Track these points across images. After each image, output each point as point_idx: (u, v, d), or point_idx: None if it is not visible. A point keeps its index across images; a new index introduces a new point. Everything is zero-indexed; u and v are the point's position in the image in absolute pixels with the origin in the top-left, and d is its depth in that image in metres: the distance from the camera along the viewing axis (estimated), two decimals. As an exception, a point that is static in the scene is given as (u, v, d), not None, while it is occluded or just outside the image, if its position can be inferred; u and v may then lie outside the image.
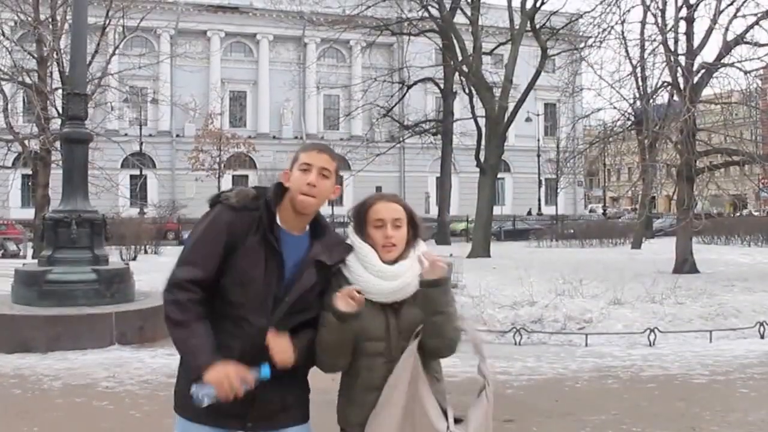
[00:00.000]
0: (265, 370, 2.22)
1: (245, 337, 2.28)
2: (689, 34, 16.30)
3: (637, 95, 23.06)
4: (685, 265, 15.67)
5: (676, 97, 18.81)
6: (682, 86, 15.88)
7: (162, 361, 7.20)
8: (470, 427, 2.35)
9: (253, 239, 2.29)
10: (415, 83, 30.17)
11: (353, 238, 2.43)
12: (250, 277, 2.28)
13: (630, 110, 25.45)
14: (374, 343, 2.34)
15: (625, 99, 24.53)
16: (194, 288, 2.27)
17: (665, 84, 17.76)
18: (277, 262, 2.30)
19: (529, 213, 47.86)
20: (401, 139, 33.96)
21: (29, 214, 25.69)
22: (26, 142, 19.32)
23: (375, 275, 2.34)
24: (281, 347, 2.26)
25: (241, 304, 2.29)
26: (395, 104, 30.73)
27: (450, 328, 2.34)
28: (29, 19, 17.97)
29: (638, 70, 19.86)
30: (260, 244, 2.29)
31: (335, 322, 2.28)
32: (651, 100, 19.99)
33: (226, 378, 2.16)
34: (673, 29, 16.45)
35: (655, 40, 17.03)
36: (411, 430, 2.28)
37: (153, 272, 13.46)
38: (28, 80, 18.51)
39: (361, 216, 2.44)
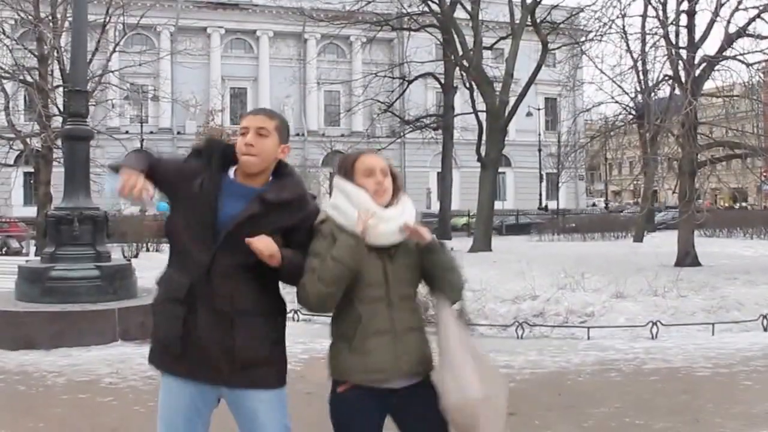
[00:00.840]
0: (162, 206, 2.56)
1: (190, 271, 2.45)
2: (690, 27, 16.25)
3: (639, 89, 23.02)
4: (687, 258, 15.65)
5: (677, 91, 18.76)
6: (683, 79, 15.84)
7: (165, 356, 7.17)
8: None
9: (197, 181, 2.48)
10: (416, 78, 30.12)
11: (345, 185, 2.55)
12: (190, 214, 2.48)
13: (631, 104, 25.43)
14: (374, 289, 2.47)
15: (626, 93, 24.50)
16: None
17: (666, 77, 17.72)
18: (213, 201, 2.46)
19: (545, 208, 47.71)
20: (402, 134, 33.93)
21: (31, 212, 25.68)
22: (28, 140, 19.29)
23: (373, 218, 2.48)
24: (262, 242, 2.40)
25: (183, 240, 2.50)
26: (396, 99, 30.65)
27: (461, 280, 2.56)
28: (29, 17, 17.90)
29: (639, 63, 19.83)
30: (204, 185, 2.48)
31: (351, 245, 2.42)
32: (652, 94, 19.95)
33: (127, 177, 2.37)
34: (674, 22, 16.41)
35: (656, 33, 17.00)
36: (480, 373, 2.47)
37: (155, 269, 13.46)
38: (29, 78, 18.46)
39: (348, 167, 2.58)
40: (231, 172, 2.56)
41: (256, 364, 2.46)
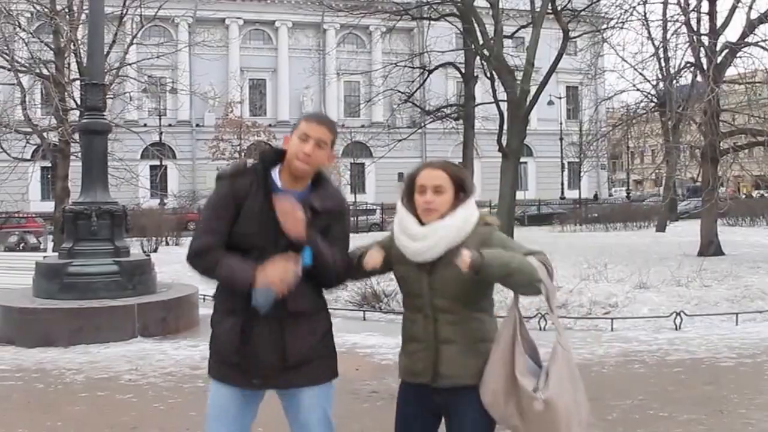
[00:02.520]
0: (307, 256, 2.51)
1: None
2: (712, 14, 16.04)
3: (660, 76, 22.77)
4: (710, 247, 15.51)
5: (699, 78, 18.56)
6: (705, 66, 15.66)
7: (185, 353, 7.22)
8: (550, 383, 2.47)
9: (252, 196, 2.56)
10: (436, 68, 29.94)
11: (398, 205, 2.68)
12: (251, 229, 2.55)
13: (653, 92, 25.17)
14: (414, 299, 2.61)
15: (648, 80, 24.24)
16: (212, 252, 2.58)
17: (688, 64, 17.54)
18: (270, 210, 2.52)
19: (596, 197, 47.30)
20: (422, 124, 33.78)
21: (49, 207, 25.76)
22: (45, 134, 19.35)
23: (406, 236, 2.58)
24: (288, 207, 2.47)
25: (250, 252, 2.54)
26: (416, 90, 30.50)
27: (524, 280, 2.47)
28: (46, 9, 17.92)
29: (661, 50, 19.61)
30: (257, 197, 2.55)
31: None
32: (674, 81, 19.74)
33: (273, 272, 2.43)
34: (695, 9, 16.20)
35: (677, 20, 16.80)
36: (512, 385, 2.48)
37: (174, 264, 13.57)
38: (45, 72, 18.48)
39: (408, 184, 2.65)
40: (275, 173, 2.63)
41: (306, 361, 2.59)
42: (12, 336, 7.85)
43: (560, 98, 47.57)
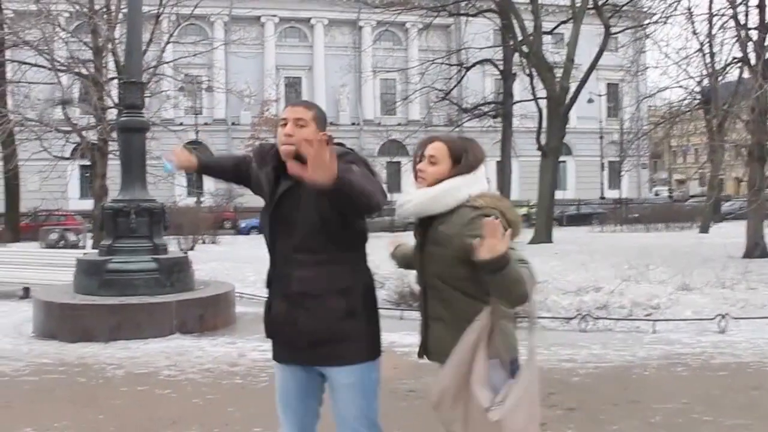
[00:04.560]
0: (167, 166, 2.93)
1: (271, 260, 2.74)
2: (762, 7, 15.65)
3: (705, 73, 22.29)
4: (756, 249, 15.15)
5: (746, 74, 18.10)
6: (753, 62, 15.28)
7: (223, 349, 7.25)
8: (507, 402, 2.37)
9: (264, 169, 2.70)
10: (474, 65, 29.79)
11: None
12: (265, 205, 2.71)
13: (697, 88, 24.63)
14: (416, 273, 2.68)
15: (692, 77, 23.73)
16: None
17: (735, 60, 17.15)
18: (273, 189, 2.65)
19: (657, 194, 46.41)
20: (460, 122, 33.61)
21: (87, 204, 26.20)
22: (84, 132, 19.64)
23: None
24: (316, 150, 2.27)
25: (264, 231, 2.74)
26: (453, 87, 30.42)
27: (518, 294, 2.31)
28: (84, 9, 18.16)
29: (706, 46, 19.21)
30: (267, 174, 2.70)
31: None
32: (720, 78, 19.31)
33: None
34: (743, 2, 15.82)
35: (724, 14, 16.44)
36: (465, 390, 2.41)
37: (211, 261, 13.72)
38: (84, 71, 18.79)
39: (418, 152, 2.70)
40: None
41: (327, 341, 2.60)
42: (54, 331, 7.98)
43: (600, 96, 46.89)
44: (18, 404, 5.39)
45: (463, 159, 2.57)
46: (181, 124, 36.21)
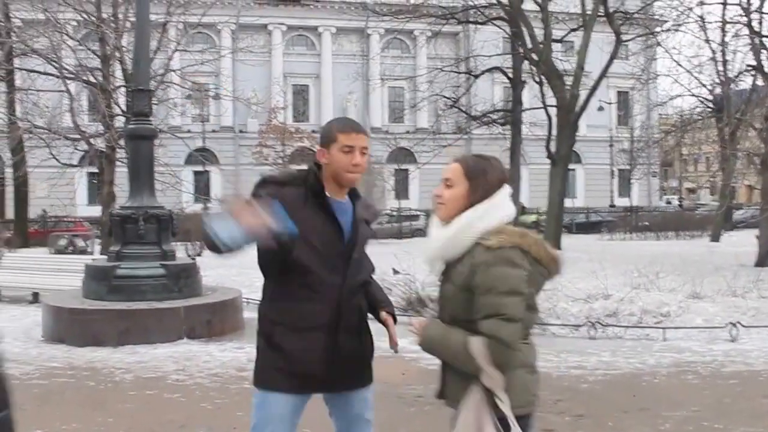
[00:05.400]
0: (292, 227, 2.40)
1: (324, 297, 2.53)
2: (776, 15, 15.60)
3: (718, 81, 22.22)
4: (768, 257, 15.04)
5: (760, 81, 18.07)
6: (767, 70, 15.20)
7: (231, 354, 7.29)
8: None
9: (307, 210, 2.52)
10: (483, 73, 29.73)
11: None
12: (316, 241, 2.52)
13: (709, 97, 24.55)
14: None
15: (704, 85, 23.70)
16: None
17: (749, 68, 17.12)
18: (334, 224, 2.55)
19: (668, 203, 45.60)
20: (468, 130, 33.59)
21: (95, 211, 26.22)
22: (92, 140, 19.69)
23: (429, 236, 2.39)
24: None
25: (314, 268, 2.52)
26: (462, 95, 30.34)
27: (466, 368, 2.21)
28: (92, 18, 18.26)
29: (719, 54, 19.17)
30: (315, 211, 2.53)
31: None
32: (732, 86, 19.26)
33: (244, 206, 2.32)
34: (758, 9, 15.75)
35: (738, 21, 16.38)
36: None
37: (219, 268, 13.70)
38: (92, 79, 18.86)
39: None
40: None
41: (368, 366, 2.74)
42: (63, 335, 8.03)
43: (610, 103, 46.63)
44: (28, 407, 5.38)
45: (477, 183, 2.29)
46: (188, 131, 36.32)
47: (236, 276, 13.68)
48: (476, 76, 29.62)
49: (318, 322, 2.54)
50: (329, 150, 2.56)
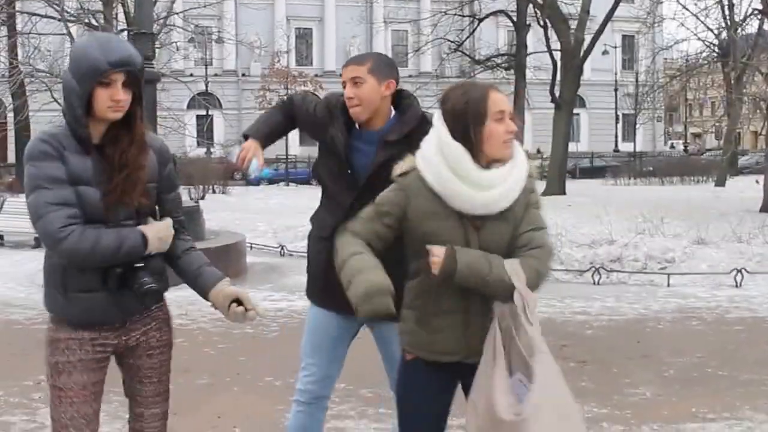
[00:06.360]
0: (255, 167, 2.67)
1: (336, 212, 2.59)
2: (786, -44, 15.20)
3: (724, 25, 21.83)
4: (773, 203, 14.95)
5: (766, 26, 17.76)
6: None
7: (234, 299, 7.29)
8: (534, 397, 2.01)
9: (328, 135, 2.64)
10: (487, 16, 29.29)
11: (445, 137, 2.12)
12: (330, 163, 2.67)
13: (715, 41, 24.17)
14: None
15: (710, 29, 23.30)
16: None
17: (755, 12, 16.75)
18: (343, 152, 2.59)
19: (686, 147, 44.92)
20: (472, 74, 33.17)
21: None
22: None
23: (466, 183, 2.08)
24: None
25: (329, 185, 2.70)
26: (466, 38, 29.92)
27: (498, 291, 2.08)
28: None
29: (726, -3, 18.78)
30: (332, 139, 2.62)
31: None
32: (739, 30, 18.94)
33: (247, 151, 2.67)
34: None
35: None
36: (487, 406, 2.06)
37: (221, 211, 13.71)
38: (94, 22, 18.62)
39: (476, 112, 2.11)
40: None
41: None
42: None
43: (615, 47, 46.13)
44: (32, 352, 5.40)
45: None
46: (191, 75, 35.93)
47: (240, 220, 13.67)
48: (480, 20, 29.15)
49: (323, 233, 2.64)
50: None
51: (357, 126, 2.63)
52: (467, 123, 2.09)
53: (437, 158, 2.11)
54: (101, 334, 2.15)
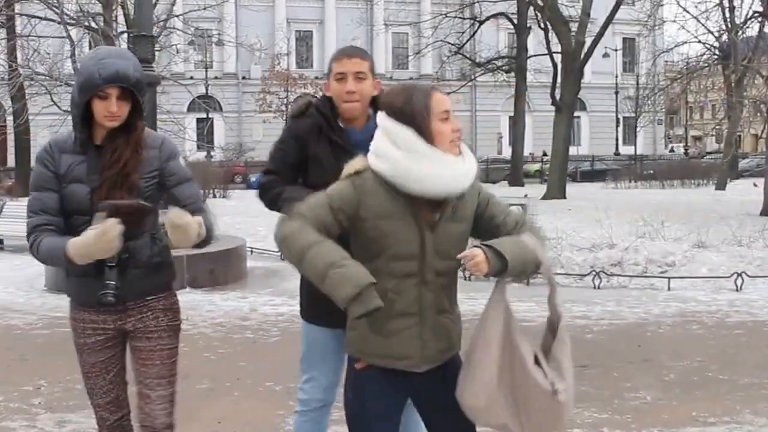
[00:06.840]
0: None
1: None
2: (786, -41, 15.21)
3: (724, 27, 21.84)
4: (774, 206, 14.96)
5: (767, 29, 17.76)
6: (775, 16, 14.89)
7: (234, 304, 7.29)
8: (565, 373, 2.12)
9: (320, 144, 2.50)
10: (488, 19, 29.35)
11: (394, 127, 2.09)
12: (328, 178, 2.35)
13: (716, 43, 24.18)
14: (405, 263, 2.10)
15: (710, 32, 23.30)
16: (276, 184, 2.58)
17: (756, 14, 16.76)
18: (347, 156, 2.34)
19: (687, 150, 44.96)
20: (473, 77, 33.27)
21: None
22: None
23: (424, 159, 2.06)
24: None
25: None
26: (467, 41, 30.01)
27: (531, 269, 2.17)
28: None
29: (726, 0, 18.80)
30: (328, 145, 2.49)
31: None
32: (739, 32, 18.94)
33: None
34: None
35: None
36: (510, 378, 2.11)
37: (222, 215, 13.59)
38: (93, 24, 18.60)
39: (422, 109, 2.09)
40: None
41: None
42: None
43: (616, 50, 46.16)
44: (32, 357, 5.41)
45: None
46: (191, 78, 35.91)
47: (240, 224, 13.67)
48: (481, 22, 29.21)
49: None
50: (329, 80, 2.53)
51: (340, 123, 2.54)
52: (413, 124, 2.08)
53: (391, 149, 2.08)
54: (100, 317, 2.40)
